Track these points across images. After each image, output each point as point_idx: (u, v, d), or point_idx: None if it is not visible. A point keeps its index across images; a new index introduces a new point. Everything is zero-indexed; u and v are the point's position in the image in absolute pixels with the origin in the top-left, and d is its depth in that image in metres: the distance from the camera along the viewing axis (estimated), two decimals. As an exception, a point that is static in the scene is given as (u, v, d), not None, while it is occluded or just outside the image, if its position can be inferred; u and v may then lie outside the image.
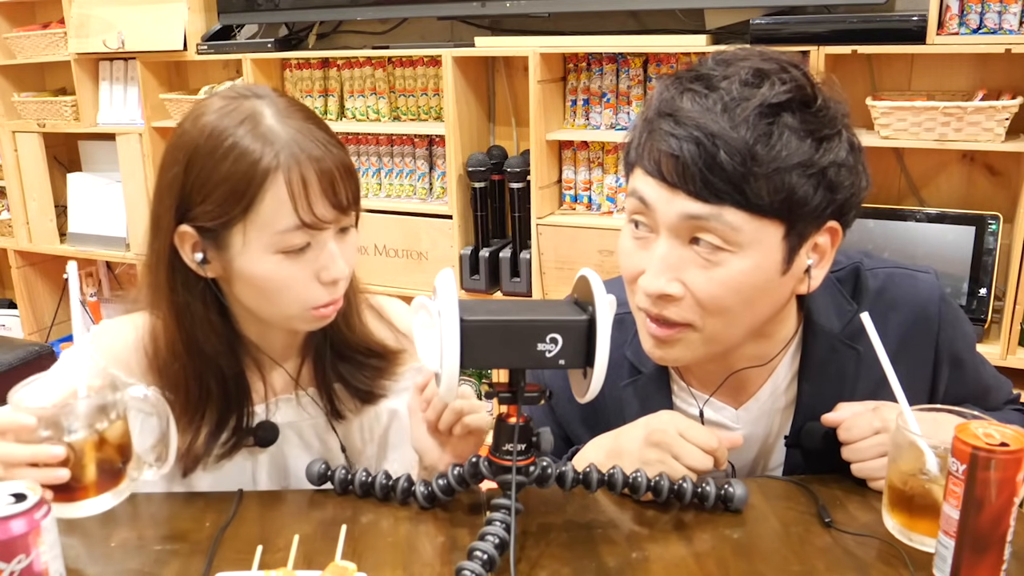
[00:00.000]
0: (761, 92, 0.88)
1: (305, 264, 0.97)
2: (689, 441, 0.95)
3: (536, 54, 2.42)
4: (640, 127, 0.95)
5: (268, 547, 0.89)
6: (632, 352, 1.08)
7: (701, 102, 0.89)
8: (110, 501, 0.90)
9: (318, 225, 0.95)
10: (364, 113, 2.86)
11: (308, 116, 0.98)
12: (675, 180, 0.89)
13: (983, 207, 2.19)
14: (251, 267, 0.96)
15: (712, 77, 0.90)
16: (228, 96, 0.98)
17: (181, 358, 1.02)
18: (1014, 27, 2.02)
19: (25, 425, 0.84)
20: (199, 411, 1.03)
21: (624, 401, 1.10)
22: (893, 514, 0.89)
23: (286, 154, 0.93)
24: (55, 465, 0.84)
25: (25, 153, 3.47)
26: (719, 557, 0.88)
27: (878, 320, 0.92)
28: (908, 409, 0.88)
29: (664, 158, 0.90)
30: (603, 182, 2.58)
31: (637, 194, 0.94)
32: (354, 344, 1.11)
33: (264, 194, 0.93)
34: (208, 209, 0.95)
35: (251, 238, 0.95)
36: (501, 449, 0.88)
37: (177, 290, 1.00)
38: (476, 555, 0.82)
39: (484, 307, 0.84)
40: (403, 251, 2.76)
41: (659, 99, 0.93)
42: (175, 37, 2.99)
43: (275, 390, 1.11)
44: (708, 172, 0.87)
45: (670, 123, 0.89)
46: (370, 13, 2.76)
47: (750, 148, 0.87)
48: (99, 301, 3.70)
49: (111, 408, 0.89)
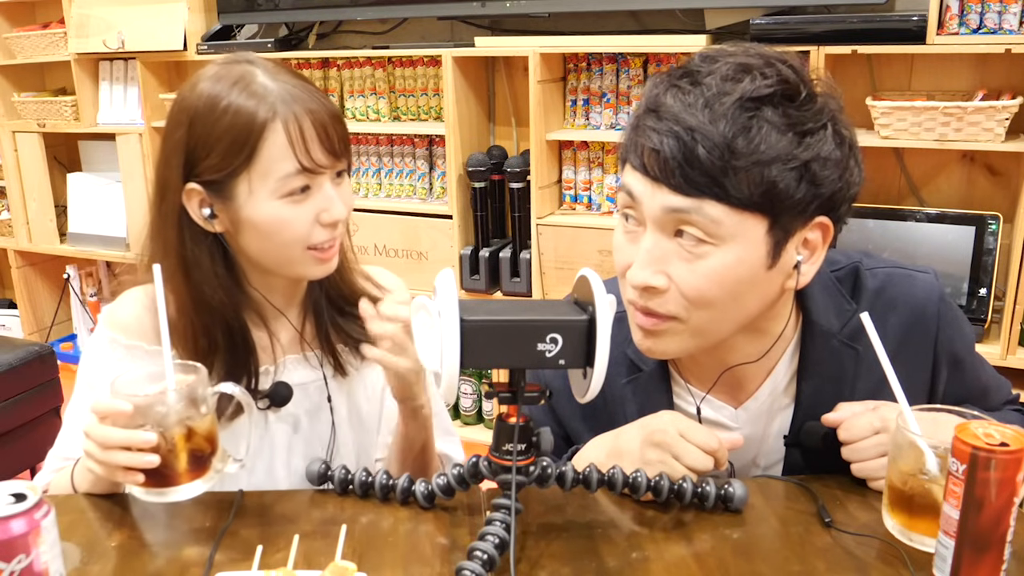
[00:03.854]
0: (742, 86, 0.89)
1: (307, 207, 1.03)
2: (689, 442, 0.95)
3: (536, 54, 2.42)
4: (630, 123, 0.97)
5: (268, 547, 0.89)
6: (633, 350, 1.08)
7: (683, 98, 0.90)
8: (200, 487, 0.93)
9: (316, 169, 1.02)
10: (364, 113, 2.86)
11: (296, 74, 1.06)
12: (657, 174, 0.91)
13: (983, 207, 2.20)
14: (257, 213, 1.02)
15: (697, 73, 0.92)
16: (221, 63, 1.06)
17: (188, 313, 1.07)
18: (1014, 27, 2.02)
19: (122, 411, 0.88)
20: (207, 365, 1.06)
21: (624, 399, 1.10)
22: (893, 514, 0.89)
23: (282, 105, 1.01)
24: (147, 451, 0.88)
25: (25, 153, 3.47)
26: (719, 557, 0.88)
27: (877, 320, 0.92)
28: (908, 409, 0.88)
29: (647, 153, 0.91)
30: (603, 182, 2.59)
31: (626, 188, 0.96)
32: (349, 296, 1.17)
33: (264, 143, 1.00)
34: (213, 163, 1.01)
35: (255, 186, 1.01)
36: (501, 449, 0.88)
37: (186, 245, 1.06)
38: (476, 555, 0.82)
39: (484, 307, 0.84)
40: (403, 251, 2.76)
41: (647, 96, 0.95)
42: (175, 37, 2.99)
43: (283, 348, 1.15)
44: (687, 166, 0.88)
45: (653, 119, 0.91)
46: (370, 13, 2.76)
47: (728, 142, 0.87)
48: (99, 301, 3.70)
49: (201, 401, 0.93)
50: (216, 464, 0.94)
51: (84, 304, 3.64)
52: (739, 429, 1.07)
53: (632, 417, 1.04)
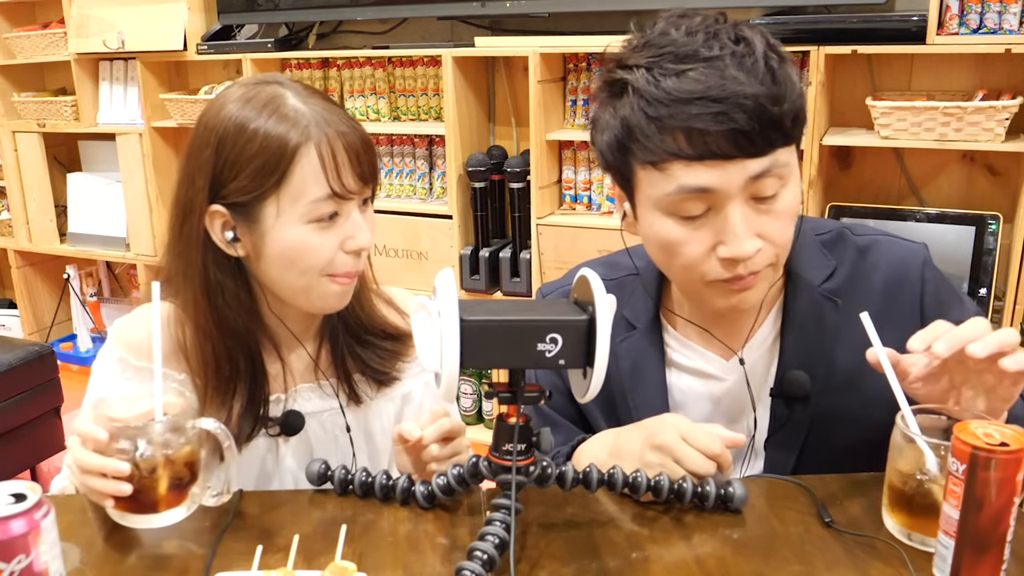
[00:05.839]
0: (748, 42, 0.93)
1: (333, 234, 1.02)
2: (691, 445, 0.95)
3: (536, 54, 2.42)
4: (633, 127, 0.94)
5: (268, 547, 0.89)
6: (630, 311, 1.13)
7: (713, 73, 0.91)
8: (180, 515, 0.94)
9: (346, 195, 1.01)
10: (364, 113, 2.86)
11: (326, 98, 1.05)
12: (731, 150, 0.91)
13: (983, 207, 2.20)
14: (283, 237, 1.01)
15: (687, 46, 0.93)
16: (247, 84, 1.03)
17: (212, 337, 1.06)
18: (1014, 27, 2.02)
19: (98, 439, 0.89)
20: (230, 389, 1.07)
21: (618, 356, 1.11)
22: (893, 514, 0.89)
23: (315, 129, 0.99)
24: (122, 479, 0.89)
25: (25, 153, 3.47)
26: (719, 557, 0.88)
27: (860, 279, 0.97)
28: (908, 409, 0.88)
29: (712, 137, 0.91)
30: (603, 182, 2.58)
31: (684, 188, 0.94)
32: (368, 326, 1.16)
33: (296, 166, 0.99)
34: (242, 184, 1.00)
35: (284, 208, 1.00)
36: (501, 449, 0.88)
37: (209, 268, 1.05)
38: (476, 555, 0.82)
39: (484, 307, 0.84)
40: (403, 251, 2.76)
41: (646, 94, 0.92)
42: (175, 37, 2.99)
43: (295, 376, 1.14)
44: (767, 128, 0.91)
45: (699, 105, 0.90)
46: (370, 13, 2.76)
47: (778, 91, 0.92)
48: (99, 301, 3.71)
49: (183, 432, 0.93)
50: (195, 491, 0.95)
51: (84, 304, 3.65)
52: (728, 380, 1.10)
53: (625, 373, 1.10)
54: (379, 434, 1.19)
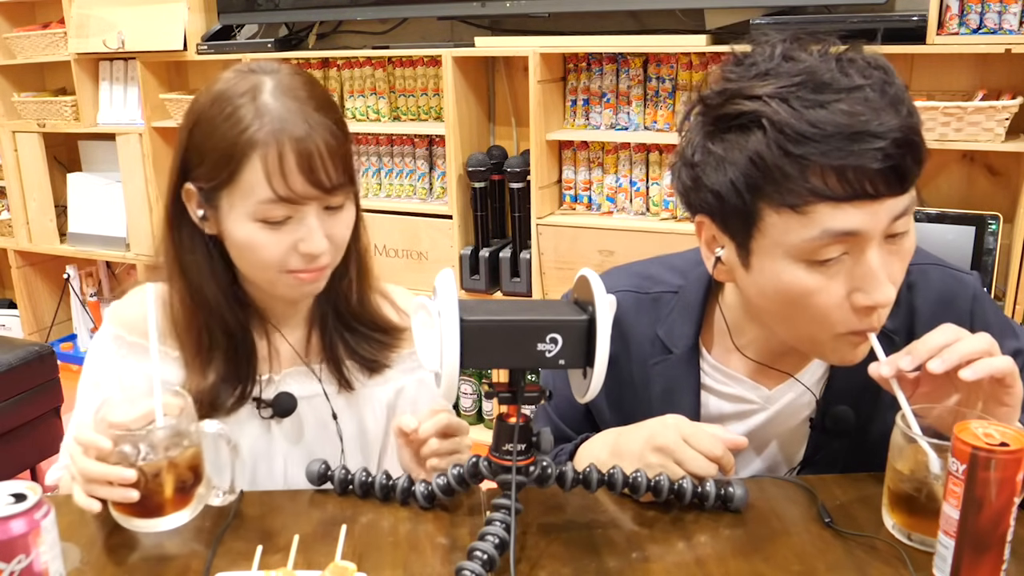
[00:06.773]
0: (885, 70, 0.86)
1: (284, 235, 1.01)
2: (693, 447, 0.94)
3: (536, 54, 2.42)
4: (769, 166, 0.84)
5: (268, 547, 0.89)
6: (664, 331, 1.06)
7: (860, 104, 0.83)
8: (185, 517, 0.94)
9: (296, 200, 0.99)
10: (364, 113, 2.86)
11: (310, 95, 1.01)
12: (884, 188, 0.84)
13: (983, 207, 2.20)
14: (234, 230, 1.02)
15: (833, 79, 0.84)
16: (240, 69, 1.04)
17: (189, 308, 1.08)
18: (1014, 27, 2.02)
19: (101, 448, 0.89)
20: (208, 359, 1.08)
21: (650, 379, 1.08)
22: (893, 514, 0.89)
23: (266, 131, 0.97)
24: (128, 486, 0.88)
25: (25, 153, 3.47)
26: (719, 557, 0.88)
27: (911, 314, 0.94)
28: (908, 409, 0.88)
29: (868, 175, 0.83)
30: (603, 182, 2.58)
31: (829, 232, 0.85)
32: (360, 316, 1.16)
33: (244, 165, 0.98)
34: (204, 171, 1.01)
35: (235, 203, 1.00)
36: (501, 449, 0.88)
37: (183, 243, 1.07)
38: (476, 555, 0.82)
39: (484, 307, 0.84)
40: (403, 251, 2.76)
41: (788, 128, 0.83)
42: (175, 37, 2.99)
43: (280, 358, 1.14)
44: (913, 164, 0.85)
45: (856, 140, 0.82)
46: (370, 13, 2.76)
47: (913, 122, 0.85)
48: (99, 301, 3.70)
49: (185, 435, 0.93)
50: (200, 492, 0.95)
51: (84, 304, 3.64)
52: (767, 410, 1.06)
53: (656, 398, 1.05)
54: (371, 421, 1.19)
